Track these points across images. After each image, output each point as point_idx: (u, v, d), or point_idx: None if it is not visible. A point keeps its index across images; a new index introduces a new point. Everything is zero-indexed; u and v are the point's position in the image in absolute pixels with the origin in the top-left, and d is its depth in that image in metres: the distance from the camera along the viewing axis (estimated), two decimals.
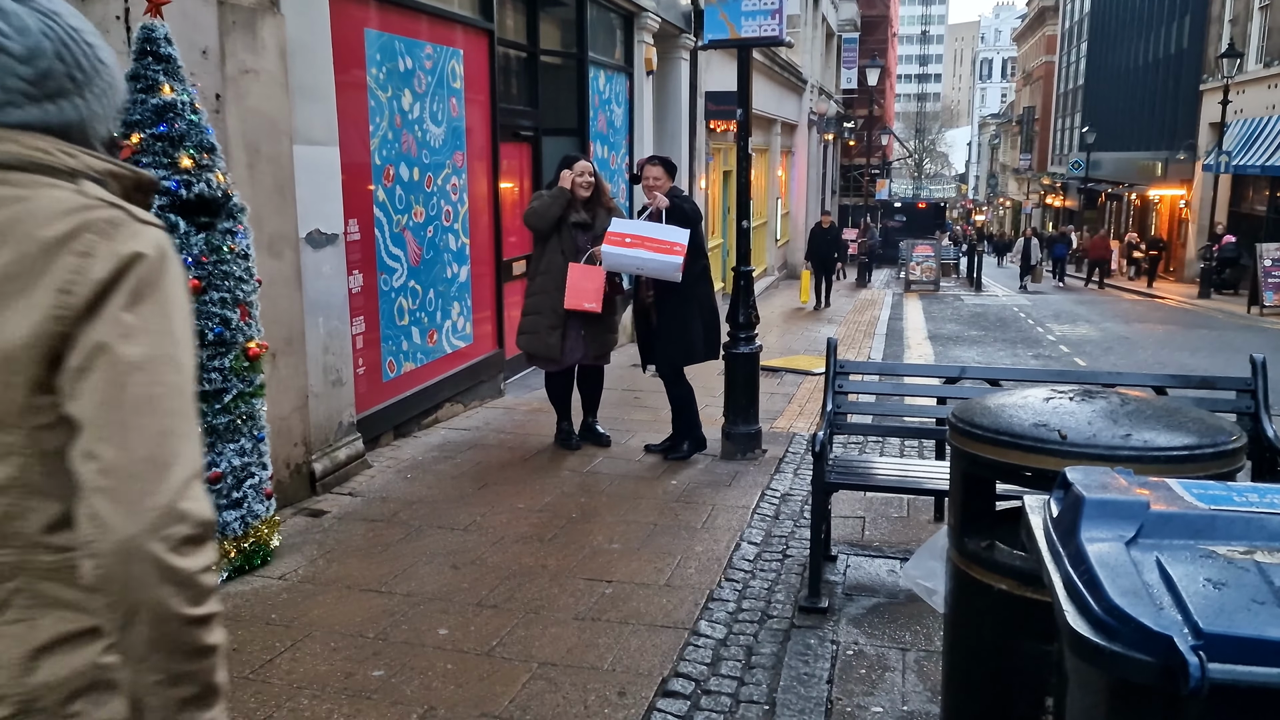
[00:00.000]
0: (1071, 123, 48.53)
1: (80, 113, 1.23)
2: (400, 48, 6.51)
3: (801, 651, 3.84)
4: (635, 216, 6.36)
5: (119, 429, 1.07)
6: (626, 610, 4.01)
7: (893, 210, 38.37)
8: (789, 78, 22.73)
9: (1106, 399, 2.63)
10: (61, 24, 1.20)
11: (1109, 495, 1.72)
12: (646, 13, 11.21)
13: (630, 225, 6.01)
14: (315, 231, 5.40)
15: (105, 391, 1.08)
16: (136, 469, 1.07)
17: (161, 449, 1.09)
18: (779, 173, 23.48)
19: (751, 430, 6.47)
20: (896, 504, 5.57)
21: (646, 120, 11.90)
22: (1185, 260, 28.14)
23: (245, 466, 4.27)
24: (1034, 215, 54.44)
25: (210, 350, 4.10)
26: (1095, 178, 38.48)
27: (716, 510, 5.32)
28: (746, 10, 6.39)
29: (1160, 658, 1.35)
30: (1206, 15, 28.63)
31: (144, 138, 3.99)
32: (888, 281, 26.83)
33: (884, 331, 14.76)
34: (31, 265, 1.08)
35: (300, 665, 3.51)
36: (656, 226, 5.93)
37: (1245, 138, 24.11)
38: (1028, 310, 20.05)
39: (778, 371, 10.12)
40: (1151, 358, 13.10)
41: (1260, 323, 17.95)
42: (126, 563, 1.05)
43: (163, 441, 1.09)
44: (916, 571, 3.77)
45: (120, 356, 1.09)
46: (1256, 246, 19.80)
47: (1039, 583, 1.74)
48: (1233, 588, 1.46)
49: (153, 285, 1.14)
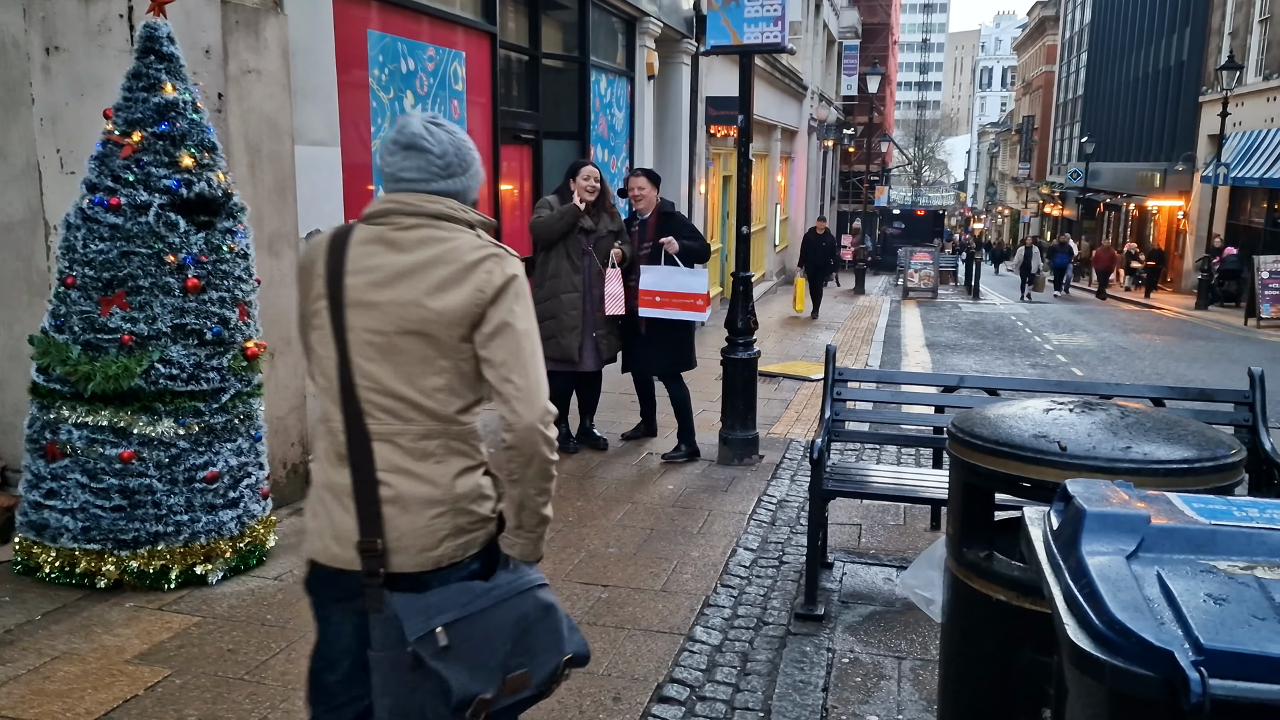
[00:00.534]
0: (1071, 132, 48.64)
1: (462, 184, 2.11)
2: (403, 49, 6.52)
3: (797, 659, 3.84)
4: (628, 225, 6.45)
5: (521, 367, 1.99)
6: (622, 615, 4.00)
7: (891, 217, 38.39)
8: (790, 84, 22.76)
9: (1106, 411, 2.63)
10: (455, 136, 2.11)
11: (1110, 509, 1.72)
12: (649, 17, 11.22)
13: (656, 279, 6.21)
14: (315, 232, 5.39)
15: (511, 346, 1.99)
16: (532, 388, 1.99)
17: (540, 378, 2.02)
18: (778, 178, 23.50)
19: (749, 436, 6.47)
20: (893, 512, 5.57)
21: (647, 125, 11.91)
22: (1183, 271, 28.19)
23: (242, 466, 4.26)
24: (1032, 224, 54.52)
25: (208, 349, 4.09)
26: (1094, 187, 38.56)
27: (713, 516, 5.31)
28: (749, 16, 6.39)
29: (1161, 672, 1.35)
30: (1206, 28, 28.71)
31: (145, 136, 3.99)
32: (886, 288, 26.86)
33: (882, 338, 14.76)
34: (461, 274, 2.00)
35: (295, 666, 3.50)
36: (677, 275, 6.16)
37: (1244, 150, 24.17)
38: (1025, 319, 20.07)
39: (776, 377, 10.13)
40: (1149, 368, 13.11)
41: (1257, 335, 17.98)
42: (530, 434, 1.98)
43: (540, 374, 2.02)
44: (914, 581, 3.77)
45: (517, 329, 2.01)
46: (1254, 259, 19.84)
47: (1037, 593, 1.74)
48: (1234, 603, 1.46)
49: (523, 292, 2.05)
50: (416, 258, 2.01)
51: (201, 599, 4.04)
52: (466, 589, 1.99)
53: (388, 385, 2.01)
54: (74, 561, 4.06)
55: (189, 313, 4.04)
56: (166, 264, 3.99)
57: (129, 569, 4.04)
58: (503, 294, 2.00)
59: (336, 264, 2.03)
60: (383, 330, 2.00)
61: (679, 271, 6.17)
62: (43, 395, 4.10)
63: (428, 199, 2.05)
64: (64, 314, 4.03)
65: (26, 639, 3.64)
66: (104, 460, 4.00)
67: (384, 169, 2.10)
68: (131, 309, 3.98)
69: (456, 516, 2.03)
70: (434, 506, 2.01)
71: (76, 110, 4.68)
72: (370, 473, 2.00)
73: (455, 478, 2.04)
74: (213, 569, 4.16)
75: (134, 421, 4.01)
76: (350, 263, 2.03)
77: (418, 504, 2.00)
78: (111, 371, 3.92)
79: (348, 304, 2.01)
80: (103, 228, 3.96)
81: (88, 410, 4.01)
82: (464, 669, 1.92)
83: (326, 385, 2.07)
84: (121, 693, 3.28)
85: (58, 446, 4.05)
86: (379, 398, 2.01)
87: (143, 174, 3.98)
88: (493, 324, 1.99)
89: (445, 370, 2.01)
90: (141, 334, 3.98)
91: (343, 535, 2.01)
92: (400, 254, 2.02)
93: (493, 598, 1.99)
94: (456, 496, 2.03)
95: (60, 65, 4.67)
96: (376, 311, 2.00)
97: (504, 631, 1.99)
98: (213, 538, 4.16)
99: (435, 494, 2.02)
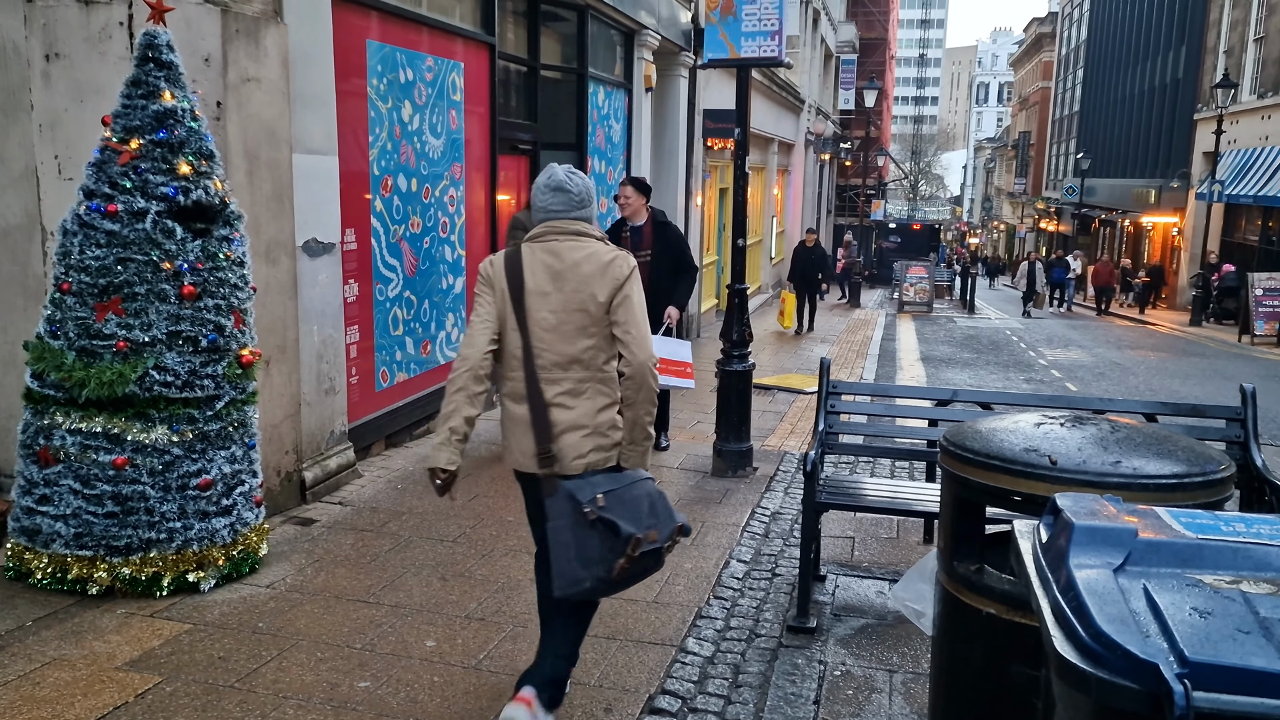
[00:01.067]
0: (1066, 148, 48.81)
1: (590, 212, 3.15)
2: (401, 59, 6.54)
3: (789, 671, 3.84)
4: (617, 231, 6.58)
5: (636, 324, 2.99)
6: (614, 626, 4.00)
7: (887, 231, 38.45)
8: (787, 97, 22.85)
9: (1097, 425, 2.65)
10: (585, 181, 3.15)
11: (1098, 522, 1.73)
12: (647, 30, 11.27)
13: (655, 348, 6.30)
14: (312, 240, 5.40)
15: (630, 310, 3.00)
16: (643, 338, 2.99)
17: (646, 332, 3.02)
18: (775, 191, 23.57)
19: (743, 448, 6.47)
20: (886, 525, 5.58)
21: (645, 136, 11.95)
22: (1177, 288, 28.27)
23: (236, 474, 4.26)
24: (1028, 239, 54.64)
25: (204, 357, 4.10)
26: (1089, 203, 38.66)
27: (706, 527, 5.31)
28: (746, 31, 6.44)
29: (1146, 685, 1.36)
30: (1202, 46, 28.86)
31: (143, 143, 4.00)
32: (881, 302, 26.90)
33: (877, 352, 14.78)
34: (603, 269, 3.01)
35: (286, 675, 3.50)
36: (670, 343, 6.27)
37: (1238, 167, 24.28)
38: (1020, 334, 20.11)
39: (770, 389, 10.14)
40: (1143, 384, 13.15)
41: (1250, 351, 18.03)
42: (642, 368, 2.95)
43: (646, 330, 3.03)
44: (906, 594, 3.77)
45: (634, 300, 3.01)
46: (1248, 276, 19.91)
47: (1027, 607, 1.75)
48: (1219, 617, 1.47)
49: (635, 277, 3.06)
50: (571, 260, 3.04)
51: (193, 606, 4.03)
52: (611, 476, 3.00)
53: (556, 347, 3.02)
54: (66, 567, 4.05)
55: (184, 320, 4.04)
56: (163, 271, 4.00)
57: (121, 575, 4.03)
58: (628, 280, 3.04)
59: (515, 269, 3.05)
60: (554, 310, 3.01)
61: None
62: (37, 401, 4.10)
63: (571, 223, 3.09)
64: (59, 320, 4.03)
65: (16, 645, 3.63)
66: (97, 466, 4.00)
67: (537, 204, 3.12)
68: (127, 315, 3.98)
69: (597, 438, 3.03)
70: (583, 429, 3.01)
71: (75, 116, 4.69)
72: (542, 408, 3.01)
73: (598, 412, 3.04)
74: (205, 576, 4.15)
75: (128, 428, 4.01)
76: (526, 268, 3.04)
77: (573, 429, 3.01)
78: (106, 378, 3.93)
79: (527, 293, 3.02)
80: (99, 234, 3.97)
81: (82, 416, 4.01)
82: (623, 517, 2.84)
83: (513, 350, 3.05)
84: (111, 699, 3.27)
85: (51, 452, 4.05)
86: (549, 356, 3.02)
87: (140, 181, 3.99)
88: (620, 298, 3.02)
89: (594, 334, 3.03)
90: (137, 340, 3.98)
91: (526, 451, 3.04)
92: (558, 259, 3.04)
93: (628, 479, 2.99)
94: (598, 425, 3.04)
95: (60, 71, 4.69)
96: (549, 298, 3.02)
97: (640, 500, 2.93)
98: (205, 545, 4.15)
99: (584, 421, 3.02)
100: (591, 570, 2.84)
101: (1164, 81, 32.82)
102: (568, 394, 3.00)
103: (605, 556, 2.83)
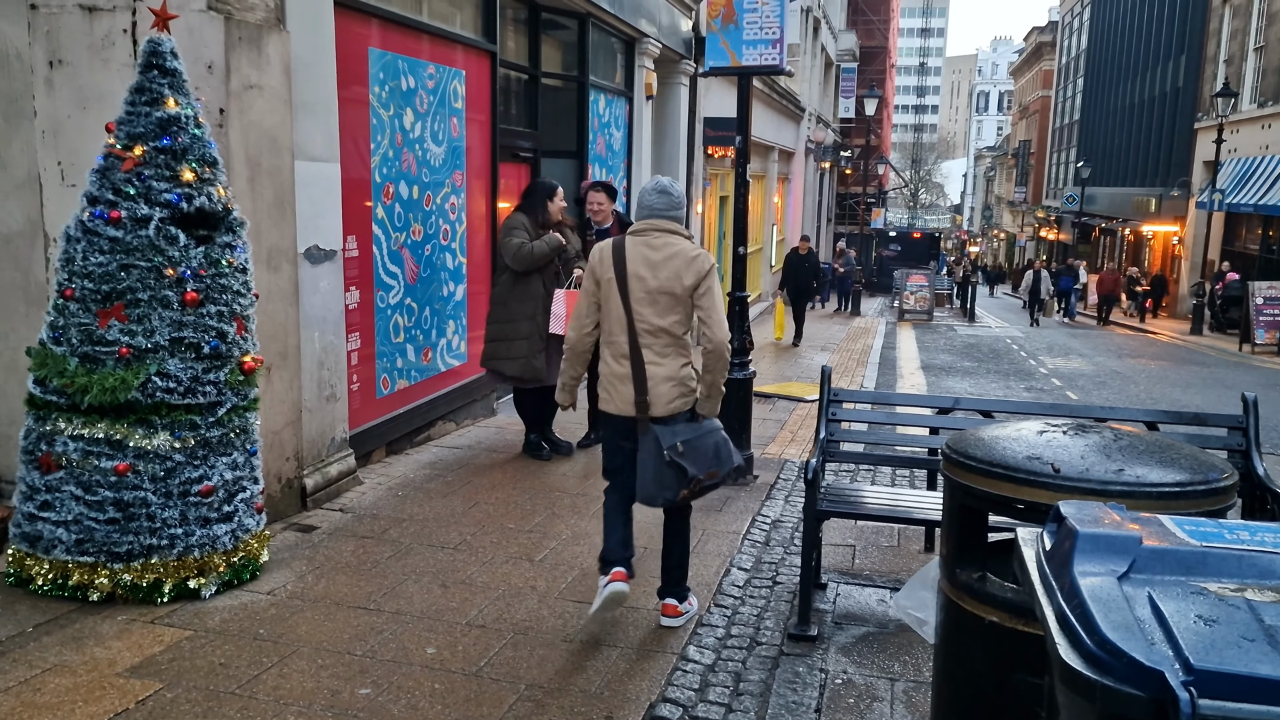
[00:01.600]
0: (1067, 157, 48.88)
1: (683, 214, 4.08)
2: (403, 67, 6.55)
3: (790, 679, 3.83)
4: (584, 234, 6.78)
5: (715, 309, 3.92)
6: (615, 634, 3.99)
7: (888, 239, 38.49)
8: (787, 105, 22.89)
9: (1100, 434, 2.65)
10: (680, 189, 4.11)
11: (1102, 530, 1.73)
12: (648, 38, 11.30)
13: None
14: (314, 247, 5.41)
15: (711, 299, 3.93)
16: (720, 320, 3.91)
17: (723, 316, 3.94)
18: (775, 199, 23.60)
19: (744, 456, 6.46)
20: (887, 533, 5.57)
21: (645, 144, 11.96)
22: (1178, 296, 28.27)
23: (237, 480, 4.26)
24: (1029, 248, 54.66)
25: (205, 363, 4.10)
26: (1090, 212, 38.72)
27: (707, 535, 5.31)
28: (748, 39, 6.45)
29: (1152, 693, 1.36)
30: (1202, 55, 28.93)
31: (147, 150, 4.01)
32: (881, 310, 26.92)
33: (877, 360, 14.78)
34: (689, 263, 3.92)
35: (287, 682, 3.49)
36: None
37: (1239, 176, 24.31)
38: (1021, 342, 20.11)
39: (771, 397, 10.13)
40: (1144, 393, 13.14)
41: (1251, 360, 18.04)
42: (719, 345, 3.89)
43: (723, 313, 3.94)
44: (908, 602, 3.77)
45: (714, 290, 3.94)
46: (1248, 285, 19.92)
47: (1030, 615, 1.75)
48: (1224, 624, 1.47)
49: (714, 271, 3.98)
50: (664, 254, 3.91)
51: (194, 613, 4.02)
52: (690, 426, 3.92)
53: (650, 320, 3.89)
54: (67, 574, 4.04)
55: (187, 326, 4.05)
56: (165, 277, 4.00)
57: (122, 582, 4.03)
58: (709, 274, 3.91)
59: (620, 255, 3.94)
60: (649, 291, 3.88)
61: None
62: (39, 407, 4.10)
63: (667, 223, 3.98)
64: (62, 326, 4.03)
65: (17, 651, 3.63)
66: (99, 473, 4.00)
67: (643, 202, 4.03)
68: (130, 322, 3.98)
69: (680, 386, 3.92)
70: (670, 381, 3.90)
71: (78, 123, 4.70)
72: (640, 365, 3.89)
73: (680, 368, 3.93)
74: (206, 583, 4.15)
75: (130, 434, 4.01)
76: (628, 256, 3.93)
77: (663, 380, 3.90)
78: (108, 384, 3.93)
79: (629, 276, 3.90)
80: (102, 240, 3.97)
81: (84, 422, 4.01)
82: (692, 463, 3.84)
83: (616, 321, 3.94)
84: (112, 706, 3.27)
85: (53, 458, 4.05)
86: (645, 325, 3.90)
87: (143, 188, 4.00)
88: (703, 288, 3.89)
89: (679, 311, 3.91)
90: (139, 347, 3.98)
91: (626, 399, 3.92)
92: (655, 251, 3.92)
93: (702, 429, 3.93)
94: (680, 377, 3.93)
95: (63, 78, 4.70)
96: (645, 281, 3.89)
97: (709, 449, 3.91)
98: (206, 551, 4.15)
99: (671, 374, 3.91)
100: (664, 493, 3.86)
101: (1164, 90, 32.89)
102: (658, 355, 3.89)
103: (675, 485, 3.83)
